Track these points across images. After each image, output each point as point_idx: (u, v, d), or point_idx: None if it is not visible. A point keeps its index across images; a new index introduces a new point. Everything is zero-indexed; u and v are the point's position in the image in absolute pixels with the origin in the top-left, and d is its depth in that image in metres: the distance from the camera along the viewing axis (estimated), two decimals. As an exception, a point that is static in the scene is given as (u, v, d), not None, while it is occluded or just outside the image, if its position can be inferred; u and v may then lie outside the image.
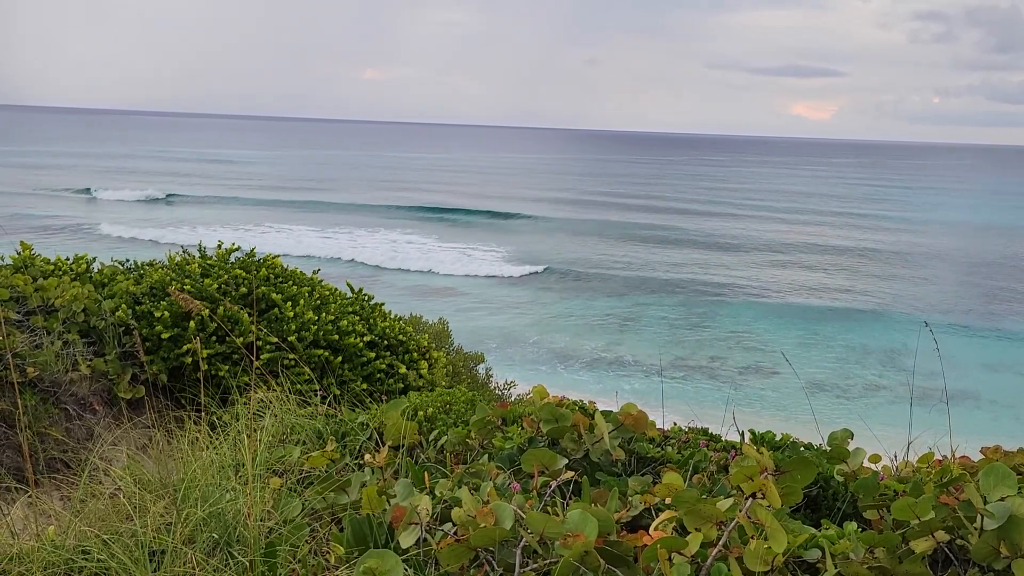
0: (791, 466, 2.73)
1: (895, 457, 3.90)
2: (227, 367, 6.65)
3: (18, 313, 5.85)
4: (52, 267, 6.91)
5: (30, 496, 3.91)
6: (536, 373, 25.24)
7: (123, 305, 6.55)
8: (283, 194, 75.78)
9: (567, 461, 3.32)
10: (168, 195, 71.58)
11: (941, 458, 3.65)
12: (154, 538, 2.94)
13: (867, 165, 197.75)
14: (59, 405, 5.67)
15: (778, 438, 4.13)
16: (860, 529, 2.88)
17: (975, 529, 2.63)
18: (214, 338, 6.73)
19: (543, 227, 60.09)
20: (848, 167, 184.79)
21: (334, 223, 58.34)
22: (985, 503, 2.61)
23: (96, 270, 7.28)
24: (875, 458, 3.67)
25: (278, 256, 7.92)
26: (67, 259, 7.22)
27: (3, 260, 6.72)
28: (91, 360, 5.99)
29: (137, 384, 6.26)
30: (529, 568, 2.61)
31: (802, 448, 4.07)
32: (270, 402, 4.58)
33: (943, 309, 38.42)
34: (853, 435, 3.72)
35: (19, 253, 6.84)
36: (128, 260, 7.71)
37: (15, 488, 4.62)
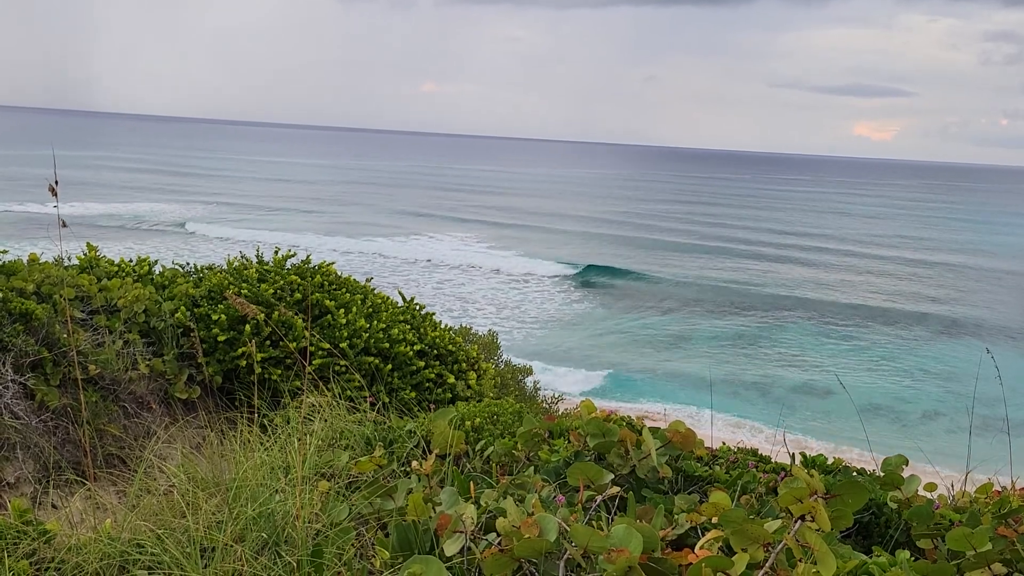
0: (842, 490, 2.68)
1: (952, 486, 3.79)
2: (280, 371, 6.76)
3: (82, 312, 6.04)
4: (116, 268, 7.13)
5: (88, 489, 4.03)
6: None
7: (182, 307, 6.72)
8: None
9: (613, 476, 3.31)
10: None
11: (1000, 489, 3.55)
12: (205, 535, 3.01)
13: (937, 187, 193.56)
14: (118, 402, 5.83)
15: (830, 462, 4.05)
16: (913, 558, 2.81)
17: (1034, 563, 2.54)
18: (268, 342, 6.86)
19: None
20: (916, 189, 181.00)
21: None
22: (1046, 536, 2.53)
23: (158, 272, 7.49)
24: (931, 487, 3.58)
25: (332, 263, 8.04)
26: (130, 261, 7.43)
27: (70, 260, 6.95)
28: (150, 360, 6.15)
29: (193, 385, 6.41)
30: (572, 582, 2.60)
31: (854, 473, 3.99)
32: (320, 407, 4.65)
33: (1010, 335, 37.35)
34: (908, 462, 3.63)
35: (85, 254, 7.07)
36: (188, 264, 7.92)
37: (74, 481, 4.76)
